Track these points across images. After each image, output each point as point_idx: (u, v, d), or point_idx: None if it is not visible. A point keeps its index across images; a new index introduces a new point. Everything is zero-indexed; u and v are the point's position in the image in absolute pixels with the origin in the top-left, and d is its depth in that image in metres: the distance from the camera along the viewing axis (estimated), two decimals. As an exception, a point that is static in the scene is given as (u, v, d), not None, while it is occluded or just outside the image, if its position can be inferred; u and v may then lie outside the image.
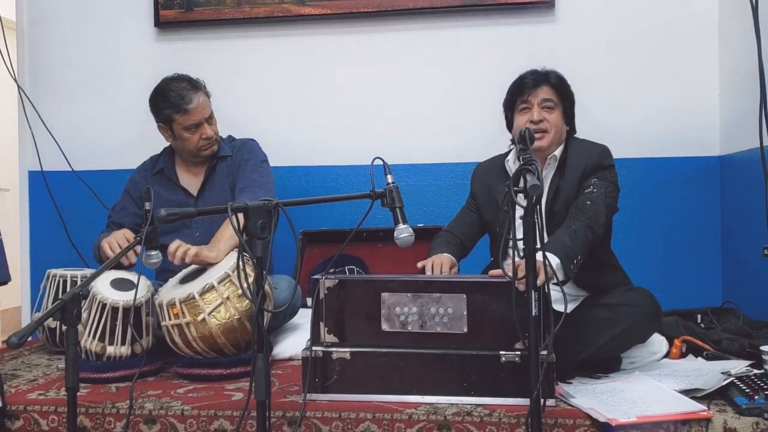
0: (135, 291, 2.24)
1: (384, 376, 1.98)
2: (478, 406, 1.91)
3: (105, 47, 3.46)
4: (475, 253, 2.53)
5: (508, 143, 2.50)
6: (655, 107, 3.14)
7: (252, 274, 1.86)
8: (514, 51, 3.16)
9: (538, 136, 2.27)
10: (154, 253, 2.21)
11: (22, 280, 3.48)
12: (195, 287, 2.26)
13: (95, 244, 2.72)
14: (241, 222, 1.77)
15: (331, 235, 3.09)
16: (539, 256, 1.74)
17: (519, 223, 1.76)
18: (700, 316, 2.66)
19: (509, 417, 1.86)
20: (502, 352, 1.93)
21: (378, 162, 2.02)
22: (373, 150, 2.29)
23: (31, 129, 3.43)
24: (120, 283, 2.37)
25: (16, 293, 3.52)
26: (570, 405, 1.91)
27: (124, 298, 2.29)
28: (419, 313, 1.98)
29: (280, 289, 2.52)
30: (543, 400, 1.73)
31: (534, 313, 1.74)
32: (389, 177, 2.03)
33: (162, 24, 3.39)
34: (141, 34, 3.43)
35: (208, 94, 2.74)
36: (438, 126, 3.27)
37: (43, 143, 3.41)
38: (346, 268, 3.02)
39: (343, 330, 2.01)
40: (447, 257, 2.34)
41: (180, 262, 2.35)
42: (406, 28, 3.27)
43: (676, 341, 2.41)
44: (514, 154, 2.43)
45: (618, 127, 3.10)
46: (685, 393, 1.94)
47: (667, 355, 2.38)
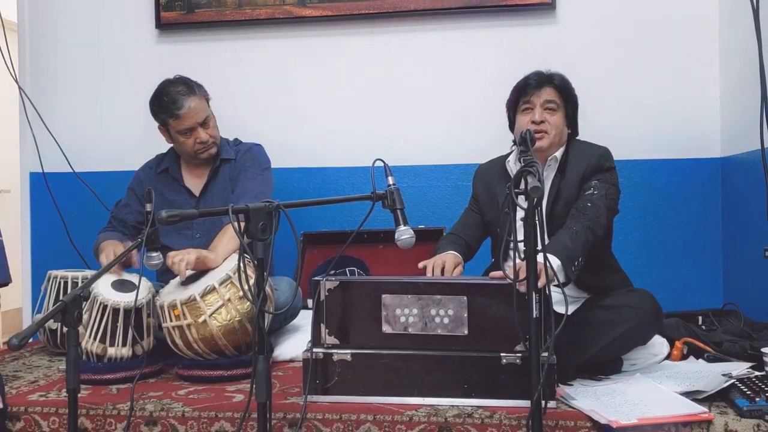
0: (136, 292, 2.25)
1: (385, 378, 1.97)
2: (479, 407, 1.91)
3: (106, 49, 3.46)
4: (477, 255, 2.53)
5: (510, 144, 2.50)
6: (656, 109, 3.14)
7: (253, 276, 1.86)
8: (514, 52, 3.16)
9: (538, 136, 2.27)
10: (155, 254, 2.21)
11: (23, 282, 3.48)
12: (196, 289, 2.27)
13: (95, 243, 2.73)
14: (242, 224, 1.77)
15: (331, 237, 3.09)
16: (540, 257, 1.75)
17: (520, 225, 1.76)
18: (701, 317, 2.66)
19: (510, 419, 1.86)
20: (502, 354, 1.93)
21: (379, 164, 2.02)
22: (374, 151, 2.30)
23: (32, 130, 3.43)
24: (121, 285, 2.37)
25: (17, 294, 3.52)
26: (571, 407, 1.90)
27: (125, 299, 2.29)
28: (420, 315, 1.98)
29: (281, 290, 2.52)
30: (544, 402, 1.73)
31: (535, 315, 1.73)
32: (390, 179, 2.03)
33: (163, 25, 3.39)
34: (142, 36, 3.43)
35: (206, 97, 2.72)
36: (439, 127, 3.27)
37: (44, 144, 3.41)
38: (347, 269, 3.02)
39: (344, 332, 2.01)
40: (450, 255, 2.34)
41: (184, 274, 2.33)
42: (407, 29, 3.27)
43: (677, 343, 2.41)
44: (515, 155, 2.42)
45: (619, 129, 3.10)
46: (686, 395, 1.94)
47: (668, 356, 2.38)
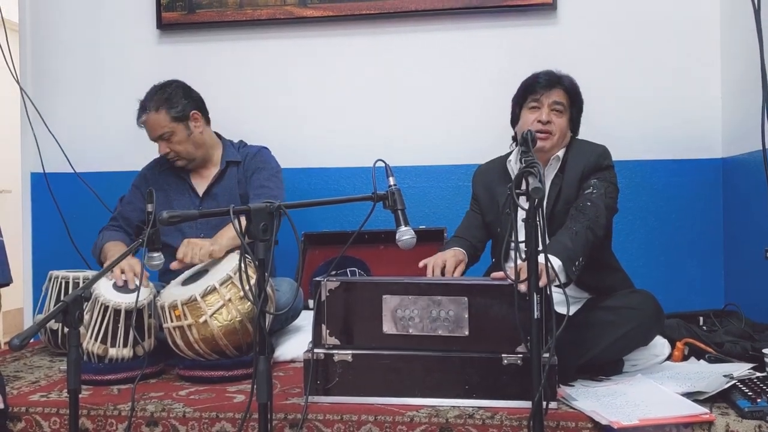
0: (137, 293, 2.25)
1: (386, 379, 1.97)
2: (480, 408, 1.91)
3: (107, 49, 3.46)
4: (477, 255, 2.53)
5: (510, 142, 2.50)
6: (657, 109, 3.14)
7: (254, 276, 1.86)
8: (515, 53, 3.16)
9: (542, 137, 2.27)
10: (156, 254, 2.21)
11: (23, 282, 3.48)
12: (197, 289, 2.26)
13: (96, 243, 2.73)
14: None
15: (332, 237, 3.09)
16: (541, 258, 1.74)
17: (520, 225, 1.76)
18: (702, 318, 2.65)
19: (511, 419, 1.86)
20: (503, 355, 1.93)
21: (380, 164, 2.02)
22: (374, 152, 2.30)
23: (33, 130, 3.43)
24: (122, 285, 2.37)
25: (18, 295, 3.52)
26: (572, 408, 1.90)
27: (126, 300, 2.29)
28: (421, 316, 1.98)
29: (282, 291, 2.52)
30: (545, 403, 1.73)
31: (536, 316, 1.73)
32: (391, 179, 2.03)
33: (164, 26, 3.39)
34: (143, 36, 3.43)
35: (173, 114, 2.67)
36: (440, 128, 3.27)
37: (46, 145, 3.41)
38: (348, 270, 3.02)
39: (345, 332, 2.01)
40: (452, 252, 2.33)
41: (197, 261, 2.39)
42: (408, 30, 3.27)
43: (678, 344, 2.40)
44: (515, 155, 2.42)
45: (620, 129, 3.10)
46: (688, 396, 1.94)
47: (669, 357, 2.38)
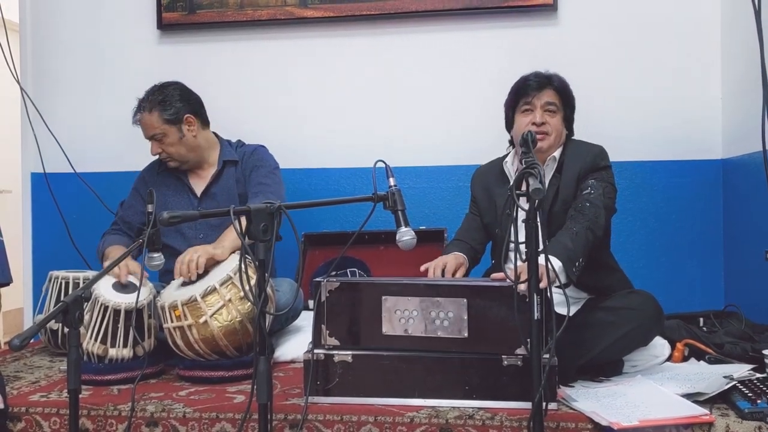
0: (137, 293, 2.25)
1: (386, 379, 1.97)
2: (480, 409, 1.91)
3: (108, 49, 3.46)
4: (476, 257, 2.53)
5: (507, 145, 2.50)
6: (658, 110, 3.14)
7: (254, 277, 1.86)
8: (516, 54, 3.16)
9: (539, 137, 2.27)
10: (156, 255, 2.21)
11: (24, 282, 3.48)
12: (197, 289, 2.27)
13: (99, 246, 2.72)
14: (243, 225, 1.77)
15: (332, 238, 3.10)
16: (541, 259, 1.74)
17: (520, 226, 1.76)
18: (702, 319, 2.65)
19: (511, 420, 1.86)
20: (503, 356, 1.93)
21: (380, 165, 2.02)
22: (374, 152, 2.30)
23: (33, 131, 3.43)
24: (122, 286, 2.38)
25: (18, 295, 3.51)
26: (572, 408, 1.90)
27: (126, 300, 2.30)
28: (421, 317, 1.98)
29: (282, 291, 2.52)
30: (545, 404, 1.73)
31: (536, 317, 1.73)
32: (391, 180, 2.03)
33: (165, 26, 3.39)
34: (144, 37, 3.43)
35: (164, 115, 2.66)
36: (440, 128, 3.27)
37: (46, 145, 3.42)
38: (348, 270, 3.02)
39: (345, 333, 2.01)
40: (453, 256, 2.34)
41: (193, 275, 2.33)
42: (409, 31, 3.27)
43: (678, 345, 2.40)
44: (512, 156, 2.43)
45: (620, 130, 3.09)
46: (687, 397, 1.94)
47: (669, 358, 2.37)
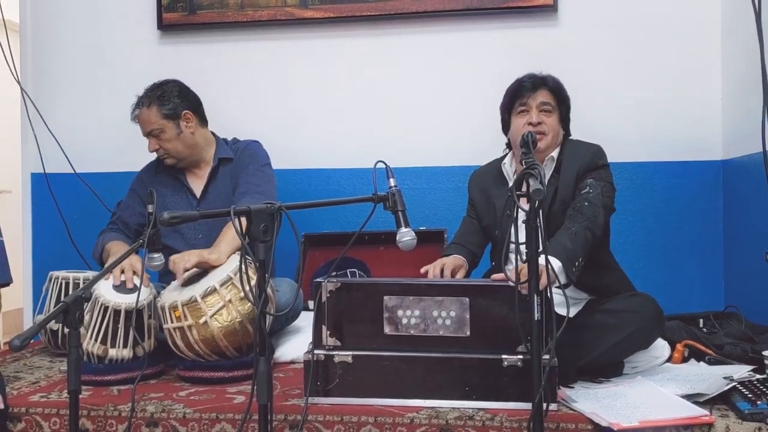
0: (137, 294, 2.25)
1: (386, 380, 1.97)
2: (480, 410, 1.91)
3: (108, 50, 3.46)
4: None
5: (503, 148, 2.50)
6: (658, 111, 3.14)
7: (254, 277, 1.86)
8: (516, 54, 3.16)
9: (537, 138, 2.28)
10: (156, 255, 2.21)
11: (24, 282, 3.48)
12: (197, 290, 2.26)
13: (97, 245, 2.72)
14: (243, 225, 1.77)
15: (333, 238, 3.09)
16: (541, 259, 1.74)
17: (520, 227, 1.76)
18: (702, 320, 2.65)
19: (511, 421, 1.86)
20: (504, 356, 1.93)
21: (380, 165, 2.02)
22: (375, 153, 2.29)
23: (33, 131, 3.43)
24: (122, 286, 2.37)
25: (18, 295, 3.51)
26: (572, 409, 1.90)
27: (126, 300, 2.29)
28: (421, 317, 1.98)
29: (282, 291, 2.52)
30: (545, 405, 1.73)
31: (536, 317, 1.73)
32: (392, 180, 2.03)
33: (165, 27, 3.39)
34: (144, 37, 3.43)
35: (165, 112, 2.67)
36: (441, 129, 3.27)
37: (46, 145, 3.41)
38: (348, 271, 3.02)
39: (345, 333, 2.01)
40: (452, 258, 2.34)
41: (181, 277, 2.33)
42: (409, 31, 3.27)
43: (678, 346, 2.40)
44: (510, 158, 2.43)
45: (620, 131, 3.09)
46: (688, 398, 1.94)
47: (669, 359, 2.38)
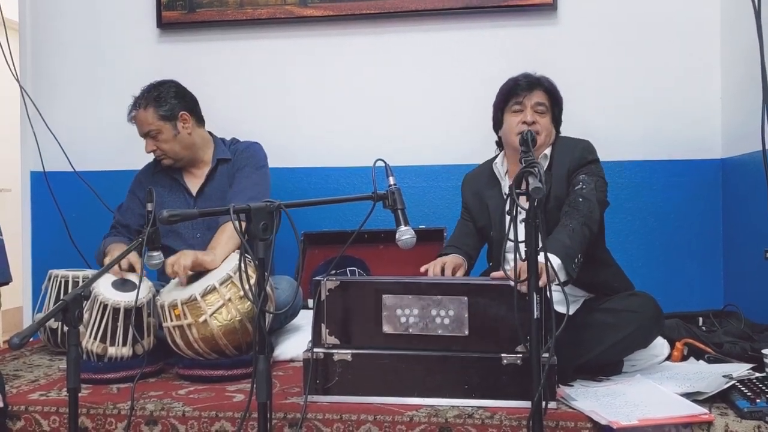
0: (136, 292, 2.25)
1: (385, 378, 1.98)
2: (480, 408, 1.91)
3: (108, 48, 3.46)
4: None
5: (494, 148, 2.50)
6: (657, 110, 3.13)
7: (254, 276, 1.86)
8: (515, 53, 3.16)
9: None
10: (156, 254, 2.21)
11: (23, 281, 3.48)
12: (196, 288, 2.26)
13: (99, 249, 2.72)
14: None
15: (332, 237, 3.09)
16: (541, 257, 1.74)
17: (518, 226, 1.76)
18: (701, 318, 2.65)
19: (510, 419, 1.86)
20: (503, 355, 1.93)
21: (380, 164, 2.02)
22: (375, 152, 2.29)
23: (33, 129, 3.42)
24: (121, 284, 2.37)
25: (18, 293, 3.51)
26: (571, 408, 1.90)
27: (126, 299, 2.29)
28: (421, 315, 1.98)
29: (281, 290, 2.52)
30: (544, 403, 1.73)
31: (536, 316, 1.73)
32: (391, 179, 2.04)
33: (165, 25, 3.39)
34: (144, 35, 3.43)
35: (159, 111, 2.66)
36: (440, 128, 3.27)
37: (45, 144, 3.41)
38: (348, 269, 3.02)
39: (345, 332, 2.01)
40: (452, 257, 2.34)
41: (181, 275, 2.33)
42: (409, 30, 3.27)
43: (678, 344, 2.40)
44: (502, 157, 2.44)
45: (619, 130, 3.10)
46: (687, 396, 1.94)
47: (668, 358, 2.38)
